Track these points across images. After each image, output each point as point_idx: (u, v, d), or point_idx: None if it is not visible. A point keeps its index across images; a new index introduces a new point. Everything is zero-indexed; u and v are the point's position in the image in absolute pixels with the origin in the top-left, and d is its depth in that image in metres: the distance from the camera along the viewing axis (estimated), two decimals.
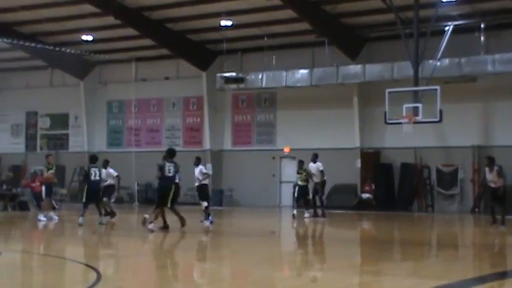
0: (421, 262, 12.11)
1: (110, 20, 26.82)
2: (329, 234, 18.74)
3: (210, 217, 18.33)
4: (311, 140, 27.91)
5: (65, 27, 29.09)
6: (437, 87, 21.97)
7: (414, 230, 18.69)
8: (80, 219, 17.66)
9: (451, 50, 23.77)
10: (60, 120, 34.62)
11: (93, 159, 18.92)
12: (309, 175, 21.29)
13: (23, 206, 24.62)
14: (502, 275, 10.29)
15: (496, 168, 17.49)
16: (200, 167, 18.96)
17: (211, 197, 29.55)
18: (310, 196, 21.51)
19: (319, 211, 21.44)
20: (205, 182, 18.93)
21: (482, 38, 24.66)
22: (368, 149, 27.36)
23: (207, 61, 30.24)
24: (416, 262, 12.01)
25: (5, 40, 28.03)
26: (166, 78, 31.80)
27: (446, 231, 18.09)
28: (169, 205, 16.20)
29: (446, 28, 23.91)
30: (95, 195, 18.15)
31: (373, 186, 26.70)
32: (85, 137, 33.30)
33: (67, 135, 34.60)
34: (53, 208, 24.92)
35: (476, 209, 24.54)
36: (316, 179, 21.36)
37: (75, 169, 33.19)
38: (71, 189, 33.07)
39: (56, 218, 20.27)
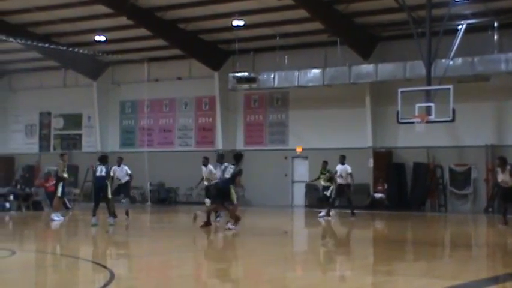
0: (434, 262, 12.08)
1: (123, 20, 26.91)
2: (342, 234, 18.72)
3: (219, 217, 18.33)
4: (323, 139, 27.90)
5: (78, 27, 29.23)
6: (450, 86, 21.89)
7: (427, 230, 18.62)
8: (93, 220, 17.66)
9: (463, 49, 23.67)
10: (74, 120, 34.80)
11: (101, 159, 18.87)
12: (331, 176, 21.38)
13: (37, 206, 24.77)
14: None
15: (508, 168, 17.50)
16: (210, 166, 18.86)
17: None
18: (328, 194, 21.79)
19: (350, 211, 21.55)
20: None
21: (495, 37, 24.53)
22: (380, 149, 27.30)
23: (220, 61, 30.29)
24: (429, 262, 11.98)
25: (19, 41, 28.21)
26: (179, 79, 31.87)
27: (459, 231, 18.02)
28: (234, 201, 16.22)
29: (459, 27, 23.81)
30: (102, 191, 18.09)
31: (386, 186, 26.64)
32: (98, 137, 33.44)
33: (80, 135, 34.77)
34: (66, 208, 25.09)
35: (490, 209, 24.42)
36: (343, 181, 21.28)
37: (88, 169, 33.33)
38: (84, 189, 33.22)
39: (62, 218, 20.32)
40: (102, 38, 29.57)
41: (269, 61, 28.69)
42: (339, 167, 21.38)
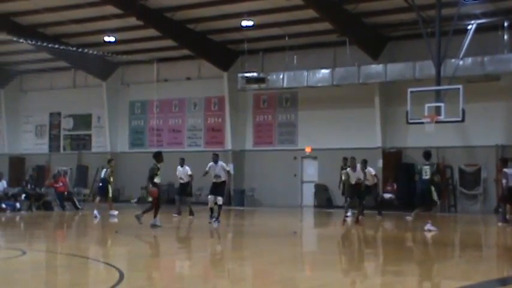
0: (443, 263, 12.05)
1: (132, 21, 26.98)
2: (351, 234, 18.69)
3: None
4: (332, 140, 27.88)
5: (87, 28, 29.33)
6: (460, 86, 21.82)
7: (437, 230, 18.55)
8: (157, 221, 17.26)
9: (473, 48, 23.58)
10: (83, 120, 34.93)
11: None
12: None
13: (47, 206, 24.88)
14: None
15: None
16: (220, 163, 18.75)
17: (233, 197, 29.85)
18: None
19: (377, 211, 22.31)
20: (225, 179, 18.72)
21: (505, 37, 24.42)
22: (390, 149, 27.25)
23: (229, 61, 30.32)
24: (439, 263, 11.95)
25: (30, 42, 28.35)
26: (188, 79, 31.93)
27: (469, 232, 17.98)
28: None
29: (469, 27, 23.71)
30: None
31: (395, 186, 26.57)
32: (108, 138, 33.55)
33: (90, 135, 34.89)
34: (76, 208, 25.20)
35: (500, 209, 24.30)
36: (369, 183, 21.49)
37: (98, 169, 33.44)
38: (94, 189, 33.33)
39: (116, 213, 21.75)
40: (111, 39, 29.68)
41: (278, 61, 28.69)
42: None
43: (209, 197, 18.37)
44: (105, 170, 22.22)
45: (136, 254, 13.02)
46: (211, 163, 18.55)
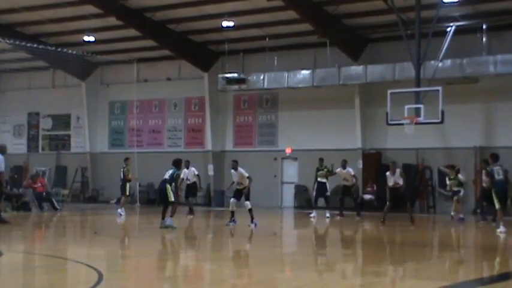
0: (422, 263, 12.11)
1: (112, 21, 26.83)
2: (331, 235, 18.74)
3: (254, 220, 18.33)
4: (313, 141, 27.92)
5: (67, 28, 29.13)
6: (439, 88, 21.96)
7: (416, 231, 18.68)
8: (168, 221, 17.21)
9: (452, 50, 23.75)
10: (62, 121, 34.67)
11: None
12: (329, 172, 22.06)
13: (25, 207, 24.62)
14: (504, 277, 10.28)
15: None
16: (240, 169, 18.58)
17: (213, 197, 29.79)
18: (329, 193, 22.51)
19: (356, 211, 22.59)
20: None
21: (484, 39, 24.63)
22: (370, 150, 27.35)
23: (209, 62, 30.25)
24: (418, 263, 12.01)
25: (8, 41, 28.06)
26: (168, 79, 31.82)
27: (448, 233, 18.10)
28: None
29: (448, 29, 23.89)
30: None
31: (375, 187, 26.68)
32: (87, 138, 33.34)
33: (69, 136, 34.64)
34: (55, 209, 24.98)
35: (478, 210, 24.48)
36: (348, 183, 22.22)
37: (77, 170, 33.24)
38: (73, 190, 33.13)
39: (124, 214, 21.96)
40: (91, 39, 29.48)
41: (259, 62, 28.69)
42: (340, 171, 22.22)
43: (231, 200, 18.50)
44: (122, 169, 22.63)
45: (116, 255, 12.93)
46: (232, 170, 18.42)
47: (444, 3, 22.87)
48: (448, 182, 21.63)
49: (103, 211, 26.74)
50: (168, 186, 17.12)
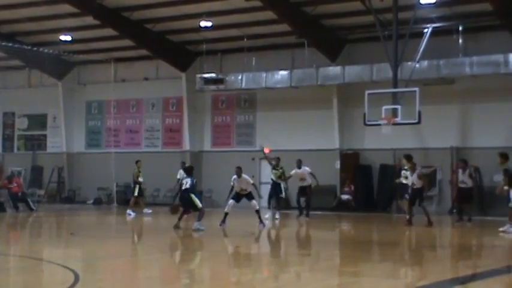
0: (399, 263, 12.16)
1: (89, 20, 26.65)
2: (308, 235, 18.77)
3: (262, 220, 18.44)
4: (291, 141, 27.94)
5: (43, 27, 28.87)
6: (416, 88, 22.10)
7: (393, 231, 18.78)
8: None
9: (429, 52, 23.92)
10: (38, 120, 34.35)
11: (187, 170, 18.34)
12: (284, 174, 21.59)
13: (0, 207, 24.35)
14: (480, 275, 10.36)
15: (468, 170, 19.78)
16: (244, 176, 18.39)
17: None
18: (283, 195, 22.42)
19: (304, 211, 22.09)
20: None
21: (460, 41, 24.83)
22: (347, 150, 27.45)
23: (187, 62, 30.16)
24: (395, 263, 12.06)
25: None
26: (146, 79, 31.66)
27: (424, 232, 18.21)
28: None
29: (425, 30, 24.04)
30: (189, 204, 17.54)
31: (353, 188, 26.79)
32: (63, 138, 33.07)
33: (45, 135, 34.32)
34: (30, 209, 24.71)
35: (455, 210, 24.69)
36: (307, 183, 21.93)
37: (53, 170, 32.96)
38: (49, 190, 32.83)
39: (133, 214, 22.46)
40: (67, 38, 29.23)
41: (237, 62, 28.66)
42: (296, 171, 21.88)
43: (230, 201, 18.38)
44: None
45: (92, 255, 12.83)
46: (235, 176, 18.26)
47: (421, 4, 23.02)
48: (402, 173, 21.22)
49: (80, 212, 26.54)
50: (192, 195, 17.09)
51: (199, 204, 17.14)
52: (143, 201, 24.31)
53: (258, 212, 18.34)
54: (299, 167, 21.91)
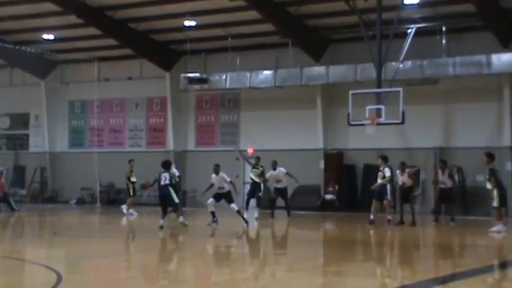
0: (383, 263, 12.20)
1: (72, 19, 26.48)
2: (292, 235, 18.78)
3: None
4: (275, 141, 27.93)
5: (25, 25, 28.64)
6: (400, 89, 22.18)
7: (376, 230, 18.83)
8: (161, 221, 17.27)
9: (413, 52, 24.02)
10: (20, 120, 34.07)
11: (164, 165, 18.17)
12: (263, 174, 21.71)
13: None
14: (464, 275, 10.41)
15: (447, 170, 20.18)
16: (222, 174, 18.48)
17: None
18: (261, 194, 22.10)
19: (286, 211, 22.10)
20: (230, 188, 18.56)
21: (443, 41, 24.97)
22: (331, 150, 27.50)
23: (171, 61, 30.06)
24: (379, 263, 12.09)
25: None
26: (130, 79, 31.52)
27: (407, 232, 18.28)
28: None
29: (409, 31, 24.14)
30: (167, 200, 17.62)
31: (337, 187, 26.84)
32: (46, 137, 32.84)
33: (27, 135, 34.07)
34: (12, 209, 24.52)
35: (437, 210, 24.81)
36: (282, 185, 21.80)
37: (36, 169, 32.72)
38: (31, 190, 32.60)
39: (135, 214, 22.59)
40: (50, 37, 29.01)
41: (221, 62, 28.62)
42: (271, 173, 21.75)
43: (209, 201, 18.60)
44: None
45: (75, 255, 12.74)
46: (213, 175, 18.43)
47: (405, 5, 23.11)
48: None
49: (62, 212, 26.38)
50: (171, 190, 17.20)
51: (176, 199, 17.25)
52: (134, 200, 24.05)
53: (239, 212, 18.33)
54: (274, 169, 21.67)
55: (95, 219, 24.03)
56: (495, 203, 17.06)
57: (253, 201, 22.18)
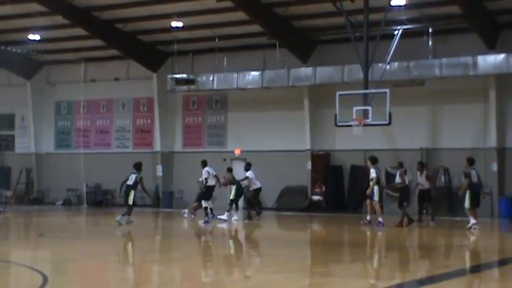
0: (370, 263, 12.22)
1: (59, 19, 26.35)
2: (279, 236, 18.78)
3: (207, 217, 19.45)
4: (262, 142, 27.95)
5: (11, 25, 28.46)
6: (387, 90, 22.22)
7: (363, 231, 18.87)
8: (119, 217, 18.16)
9: (400, 53, 24.09)
10: (6, 120, 33.87)
11: (136, 166, 19.38)
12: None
13: None
14: (449, 275, 10.45)
15: (425, 172, 20.73)
16: (207, 168, 19.23)
17: (162, 198, 29.55)
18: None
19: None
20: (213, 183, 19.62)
21: (430, 43, 25.07)
22: (319, 151, 27.53)
23: (158, 62, 29.99)
24: (366, 263, 12.11)
25: None
26: (116, 79, 31.41)
27: (394, 233, 18.34)
28: None
29: (396, 32, 24.22)
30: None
31: (324, 188, 26.87)
32: (32, 138, 32.67)
33: (13, 136, 33.87)
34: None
35: (424, 211, 24.89)
36: (256, 186, 22.13)
37: (21, 171, 32.53)
38: (17, 192, 32.41)
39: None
40: (36, 37, 28.85)
41: (208, 63, 28.59)
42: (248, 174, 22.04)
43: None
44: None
45: (61, 257, 12.67)
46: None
47: (392, 6, 23.19)
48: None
49: (49, 213, 26.24)
50: (131, 191, 18.44)
51: (131, 202, 18.43)
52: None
53: (206, 209, 19.34)
54: (247, 170, 22.05)
55: (81, 220, 23.91)
56: (466, 204, 18.05)
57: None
